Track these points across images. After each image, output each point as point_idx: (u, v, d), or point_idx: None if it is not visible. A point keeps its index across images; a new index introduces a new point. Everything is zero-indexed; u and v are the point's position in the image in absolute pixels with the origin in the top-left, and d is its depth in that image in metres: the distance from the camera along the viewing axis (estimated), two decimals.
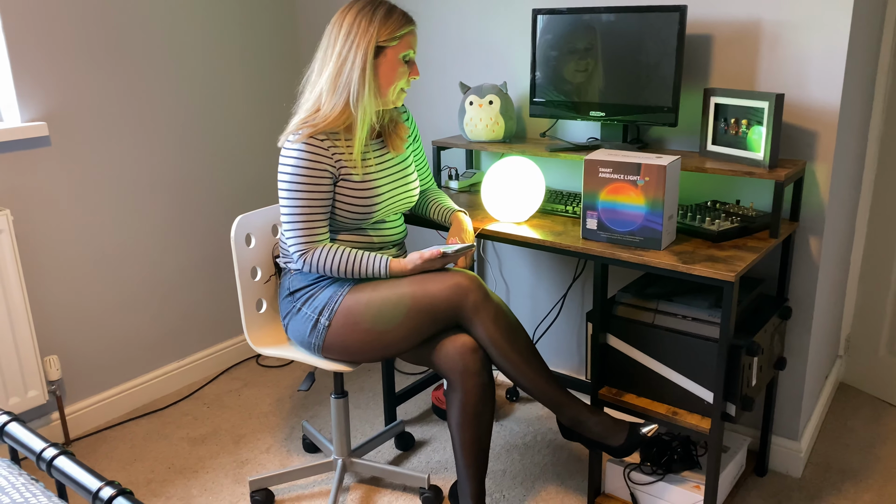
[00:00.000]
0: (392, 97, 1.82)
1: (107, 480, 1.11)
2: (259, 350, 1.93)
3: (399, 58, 1.78)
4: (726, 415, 1.72)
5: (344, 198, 1.79)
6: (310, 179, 1.73)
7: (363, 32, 1.73)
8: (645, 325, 1.81)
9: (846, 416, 2.43)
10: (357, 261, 1.77)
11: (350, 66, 1.73)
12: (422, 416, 2.50)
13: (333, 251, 1.77)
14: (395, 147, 1.90)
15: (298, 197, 1.74)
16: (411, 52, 1.81)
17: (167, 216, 2.60)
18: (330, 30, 1.78)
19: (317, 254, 1.76)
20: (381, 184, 1.84)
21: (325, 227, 1.79)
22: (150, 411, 2.57)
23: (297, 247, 1.77)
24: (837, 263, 2.26)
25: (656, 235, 1.71)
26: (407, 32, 1.78)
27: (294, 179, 1.73)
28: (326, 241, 1.80)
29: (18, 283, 2.12)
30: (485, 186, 1.98)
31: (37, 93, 2.18)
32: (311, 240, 1.76)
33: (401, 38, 1.77)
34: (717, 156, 1.94)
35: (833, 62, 1.83)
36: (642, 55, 1.97)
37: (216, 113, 2.69)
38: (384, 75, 1.77)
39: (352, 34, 1.73)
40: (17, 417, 1.32)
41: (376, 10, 1.74)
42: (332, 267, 1.76)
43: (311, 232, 1.76)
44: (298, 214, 1.75)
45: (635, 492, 1.95)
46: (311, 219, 1.76)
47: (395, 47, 1.77)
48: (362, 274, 1.78)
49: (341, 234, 1.85)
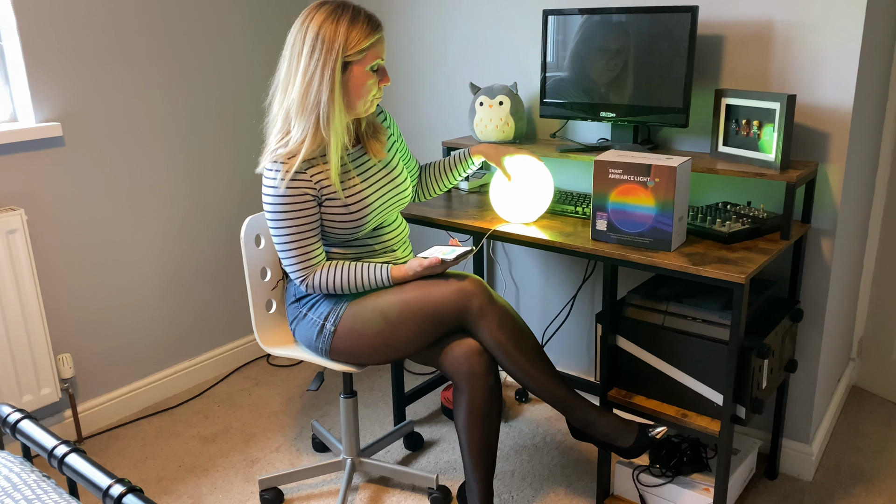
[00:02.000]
0: (363, 108, 1.74)
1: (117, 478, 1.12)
2: (268, 350, 1.94)
3: (367, 70, 1.69)
4: (736, 417, 1.71)
5: (333, 216, 1.76)
6: (294, 208, 1.70)
7: (328, 49, 1.63)
8: (655, 327, 1.80)
9: (859, 419, 2.41)
10: (358, 274, 1.76)
11: (317, 86, 1.64)
12: (431, 416, 2.51)
13: (333, 270, 1.76)
14: (377, 153, 1.84)
15: (287, 227, 1.72)
16: (380, 60, 1.71)
17: (179, 216, 2.62)
18: (293, 39, 1.68)
19: (317, 276, 1.76)
20: (369, 193, 1.79)
21: (319, 248, 1.77)
22: (161, 410, 2.58)
23: (297, 274, 1.76)
24: (850, 266, 2.24)
25: (666, 237, 1.70)
26: (373, 42, 1.67)
27: (278, 211, 1.70)
28: (323, 260, 1.79)
29: (32, 282, 2.14)
30: (494, 187, 1.98)
31: (51, 94, 2.20)
32: (308, 264, 1.76)
33: (367, 51, 1.67)
34: (728, 157, 1.93)
35: (846, 62, 1.82)
36: (653, 56, 1.96)
37: (227, 113, 2.71)
38: (354, 90, 1.69)
39: (316, 51, 1.63)
40: (29, 415, 1.33)
41: (340, 20, 1.63)
42: (335, 284, 1.76)
43: (307, 257, 1.75)
44: (290, 243, 1.73)
45: (644, 494, 1.94)
46: (304, 244, 1.74)
47: (362, 61, 1.67)
48: (366, 286, 1.77)
49: (339, 249, 1.83)
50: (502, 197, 1.96)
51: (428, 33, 2.60)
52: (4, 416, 1.34)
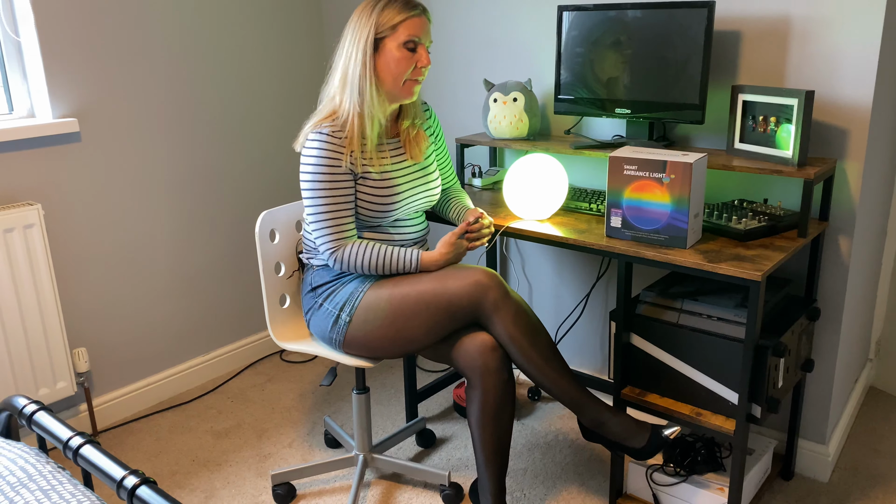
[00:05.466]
0: (398, 91, 1.77)
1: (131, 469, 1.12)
2: (282, 345, 1.95)
3: (399, 46, 1.72)
4: (751, 416, 1.69)
5: (363, 195, 1.78)
6: (331, 175, 1.73)
7: (362, 27, 1.72)
8: (669, 325, 1.79)
9: (876, 420, 2.38)
10: (389, 256, 1.77)
11: (353, 65, 1.72)
12: (443, 413, 2.50)
13: (365, 247, 1.76)
14: (414, 156, 1.87)
15: (322, 195, 1.73)
16: (416, 38, 1.73)
17: (194, 211, 2.63)
18: (345, 28, 1.77)
19: (348, 250, 1.76)
20: (400, 182, 1.82)
21: (352, 224, 1.78)
22: (175, 404, 2.60)
23: (328, 244, 1.75)
24: (868, 264, 2.21)
25: (681, 234, 1.69)
26: (406, 19, 1.71)
27: (315, 178, 1.72)
28: (355, 237, 1.79)
29: (49, 277, 2.16)
30: (507, 184, 1.98)
31: (68, 90, 2.22)
32: (341, 236, 1.76)
33: (398, 26, 1.71)
34: (744, 154, 1.91)
35: (865, 58, 1.79)
36: (669, 52, 1.95)
37: (242, 109, 2.72)
38: (384, 68, 1.74)
39: (355, 31, 1.73)
40: (45, 407, 1.34)
41: (377, 2, 1.72)
42: (364, 263, 1.76)
43: (340, 229, 1.76)
44: (324, 213, 1.74)
45: (658, 493, 1.93)
46: (338, 215, 1.75)
47: (394, 36, 1.71)
48: (394, 269, 1.78)
49: (361, 232, 1.85)
50: (516, 193, 1.96)
51: (443, 29, 2.59)
52: (21, 407, 1.35)
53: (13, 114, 2.22)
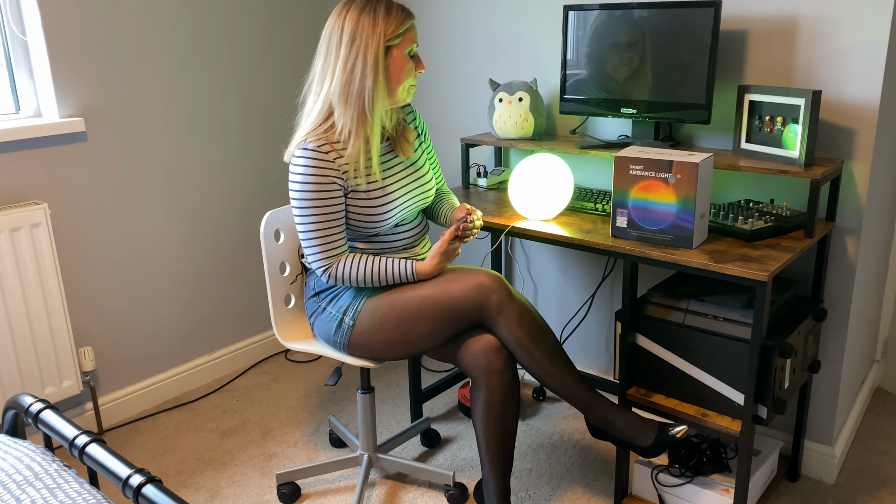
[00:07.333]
0: (402, 95, 1.77)
1: (137, 468, 1.12)
2: (287, 344, 1.95)
3: (405, 54, 1.72)
4: (757, 417, 1.68)
5: (356, 209, 1.76)
6: (320, 191, 1.69)
7: (370, 35, 1.66)
8: (675, 325, 1.78)
9: (883, 422, 2.36)
10: (382, 268, 1.75)
11: (361, 73, 1.67)
12: (448, 413, 2.50)
13: (357, 262, 1.75)
14: (404, 151, 1.85)
15: (311, 213, 1.70)
16: (414, 46, 1.74)
17: (199, 211, 2.63)
18: (329, 33, 1.70)
19: (340, 267, 1.74)
20: (394, 188, 1.80)
21: (342, 239, 1.76)
22: (180, 403, 2.60)
23: (319, 263, 1.74)
24: (875, 265, 2.20)
25: (687, 234, 1.68)
26: (409, 27, 1.71)
27: (304, 194, 1.69)
28: (346, 251, 1.78)
29: (55, 276, 2.16)
30: (513, 183, 1.97)
31: (74, 89, 2.22)
32: (331, 254, 1.74)
33: (404, 35, 1.70)
34: (751, 154, 1.91)
35: (873, 57, 1.79)
36: (675, 51, 1.94)
37: (247, 110, 2.72)
38: (395, 75, 1.72)
39: (357, 38, 1.66)
40: (51, 405, 1.35)
41: (377, 10, 1.68)
42: (358, 278, 1.75)
43: (330, 246, 1.73)
44: (314, 230, 1.71)
45: (663, 494, 1.92)
46: (328, 232, 1.72)
47: (401, 45, 1.70)
48: (389, 280, 1.76)
49: (360, 244, 1.83)
50: (521, 193, 1.95)
51: (448, 29, 2.59)
52: (27, 405, 1.36)
53: (20, 113, 2.23)
